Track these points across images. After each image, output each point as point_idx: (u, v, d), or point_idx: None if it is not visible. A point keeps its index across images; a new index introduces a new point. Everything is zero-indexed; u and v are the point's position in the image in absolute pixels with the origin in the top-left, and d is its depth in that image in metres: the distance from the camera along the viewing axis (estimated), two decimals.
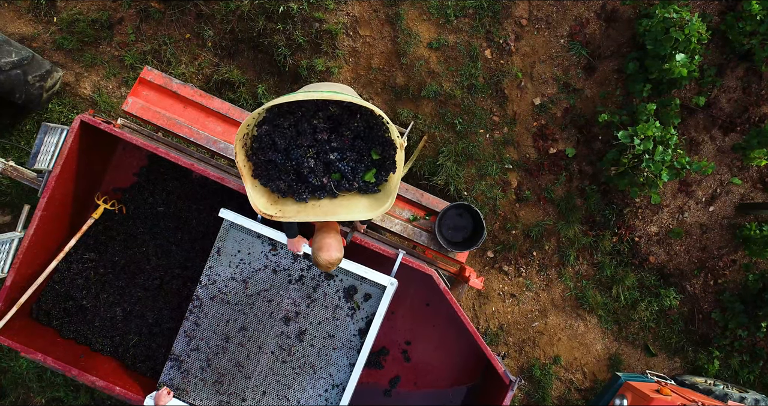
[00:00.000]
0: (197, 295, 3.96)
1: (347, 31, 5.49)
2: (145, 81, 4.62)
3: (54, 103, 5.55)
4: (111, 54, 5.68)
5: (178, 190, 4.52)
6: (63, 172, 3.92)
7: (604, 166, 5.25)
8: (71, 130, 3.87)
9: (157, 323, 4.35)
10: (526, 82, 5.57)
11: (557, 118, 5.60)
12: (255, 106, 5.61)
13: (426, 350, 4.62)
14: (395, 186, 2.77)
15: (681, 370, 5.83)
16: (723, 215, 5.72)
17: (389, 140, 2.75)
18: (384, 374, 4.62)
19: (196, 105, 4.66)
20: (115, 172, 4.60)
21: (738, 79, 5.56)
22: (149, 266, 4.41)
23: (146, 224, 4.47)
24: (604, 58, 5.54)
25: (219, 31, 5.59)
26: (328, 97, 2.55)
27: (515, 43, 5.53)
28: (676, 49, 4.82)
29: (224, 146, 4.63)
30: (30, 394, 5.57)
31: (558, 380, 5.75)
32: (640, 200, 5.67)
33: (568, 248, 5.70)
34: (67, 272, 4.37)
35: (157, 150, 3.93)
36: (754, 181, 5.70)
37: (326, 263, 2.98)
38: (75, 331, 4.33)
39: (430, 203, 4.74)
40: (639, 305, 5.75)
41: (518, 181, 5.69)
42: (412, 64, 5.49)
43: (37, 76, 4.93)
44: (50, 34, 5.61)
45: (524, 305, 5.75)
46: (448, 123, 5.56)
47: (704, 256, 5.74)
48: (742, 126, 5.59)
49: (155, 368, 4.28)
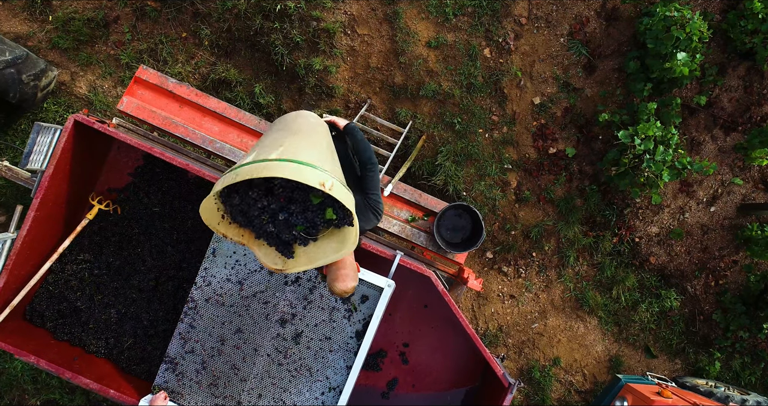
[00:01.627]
0: (192, 296, 3.91)
1: (345, 29, 5.44)
2: (141, 80, 4.58)
3: (49, 103, 5.50)
4: (107, 53, 5.63)
5: (174, 191, 4.47)
6: (56, 173, 3.87)
7: (605, 166, 5.20)
8: (65, 130, 3.82)
9: (152, 324, 4.30)
10: (526, 82, 5.52)
11: (557, 117, 5.55)
12: (252, 105, 5.56)
13: (424, 352, 4.57)
14: (355, 232, 2.73)
15: (682, 371, 5.78)
16: (724, 215, 5.67)
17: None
18: (382, 376, 4.57)
19: (192, 104, 4.62)
20: (110, 172, 4.55)
21: (740, 79, 5.50)
22: (144, 267, 4.36)
23: (141, 225, 4.42)
24: (605, 57, 5.49)
25: (216, 30, 5.54)
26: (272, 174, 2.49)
27: (515, 42, 5.48)
28: (677, 48, 4.77)
29: (220, 146, 4.58)
30: (25, 395, 5.52)
31: (558, 381, 5.70)
32: (641, 201, 5.62)
33: (568, 248, 5.65)
34: (62, 273, 4.32)
35: (152, 150, 3.88)
36: (755, 181, 5.65)
37: (341, 293, 3.02)
38: (69, 333, 4.27)
39: (429, 204, 4.70)
40: (639, 306, 5.70)
41: (518, 181, 5.64)
42: (411, 63, 5.44)
43: (31, 75, 4.87)
44: (45, 33, 5.56)
45: (524, 306, 5.70)
46: (446, 123, 5.51)
47: (705, 257, 5.69)
48: (744, 125, 5.54)
49: (150, 371, 4.23)
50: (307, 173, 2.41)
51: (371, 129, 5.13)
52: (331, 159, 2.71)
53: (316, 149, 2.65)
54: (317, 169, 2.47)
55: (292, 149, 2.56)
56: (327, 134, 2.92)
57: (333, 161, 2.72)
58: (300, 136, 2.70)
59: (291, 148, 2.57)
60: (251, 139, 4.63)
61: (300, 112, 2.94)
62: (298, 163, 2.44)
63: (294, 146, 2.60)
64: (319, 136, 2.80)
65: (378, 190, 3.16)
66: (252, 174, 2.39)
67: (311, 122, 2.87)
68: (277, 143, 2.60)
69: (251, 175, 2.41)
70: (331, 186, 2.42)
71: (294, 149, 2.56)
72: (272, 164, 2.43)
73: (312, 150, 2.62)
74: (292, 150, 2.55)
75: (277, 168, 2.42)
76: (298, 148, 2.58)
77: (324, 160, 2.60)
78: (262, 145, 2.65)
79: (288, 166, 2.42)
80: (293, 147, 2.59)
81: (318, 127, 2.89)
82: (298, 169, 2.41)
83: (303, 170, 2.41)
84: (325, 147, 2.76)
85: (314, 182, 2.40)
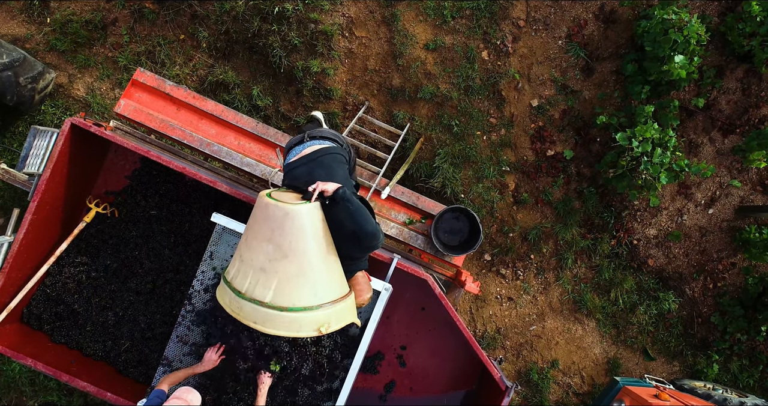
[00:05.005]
0: (190, 299, 3.91)
1: (343, 32, 5.44)
2: (138, 83, 4.58)
3: (47, 105, 5.50)
4: (105, 55, 5.63)
5: (171, 194, 4.47)
6: (53, 176, 3.87)
7: (602, 168, 5.20)
8: (61, 133, 3.81)
9: (150, 327, 4.30)
10: (524, 84, 5.52)
11: (555, 120, 5.55)
12: (250, 107, 5.56)
13: (422, 355, 4.57)
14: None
15: (680, 374, 5.78)
16: (722, 217, 5.67)
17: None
18: (379, 379, 4.57)
19: (189, 107, 4.61)
20: (108, 175, 4.55)
21: (738, 81, 5.50)
22: (142, 270, 4.36)
23: (139, 228, 4.42)
24: (603, 60, 5.49)
25: (213, 32, 5.54)
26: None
27: (513, 45, 5.48)
28: (675, 51, 4.77)
29: (218, 149, 4.58)
30: (23, 398, 5.52)
31: (556, 384, 5.70)
32: (639, 203, 5.62)
33: (566, 251, 5.65)
34: (59, 275, 4.32)
35: (149, 153, 3.87)
36: (753, 183, 5.65)
37: (359, 306, 3.13)
38: (66, 335, 4.27)
39: (426, 206, 4.70)
40: (638, 308, 5.70)
41: (516, 183, 5.64)
42: (409, 65, 5.44)
43: (28, 78, 4.88)
44: (43, 35, 5.56)
45: (522, 308, 5.70)
46: (444, 125, 5.51)
47: (703, 259, 5.69)
48: (742, 128, 5.54)
49: (147, 373, 4.23)
50: (305, 325, 2.66)
51: (369, 131, 5.13)
52: (325, 267, 2.78)
53: (309, 273, 2.74)
54: (312, 310, 2.65)
55: (285, 285, 2.70)
56: (318, 228, 2.83)
57: (328, 265, 2.81)
58: (290, 259, 2.73)
59: (284, 281, 2.71)
60: (248, 141, 4.63)
61: (288, 210, 2.77)
62: (293, 313, 2.65)
63: (286, 278, 2.72)
64: (314, 246, 2.78)
65: (379, 243, 3.09)
66: (256, 322, 2.69)
67: (301, 229, 2.76)
68: (270, 271, 2.73)
69: (255, 324, 2.70)
70: (328, 326, 2.65)
71: (286, 284, 2.71)
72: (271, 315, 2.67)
73: (305, 277, 2.72)
74: (285, 286, 2.70)
75: (275, 322, 2.66)
76: (290, 280, 2.72)
77: (318, 281, 2.74)
78: (255, 264, 2.76)
79: (284, 319, 2.65)
80: (285, 280, 2.72)
81: (311, 234, 2.79)
82: (294, 322, 2.65)
83: (299, 321, 2.65)
84: (320, 255, 2.80)
85: (312, 332, 2.66)
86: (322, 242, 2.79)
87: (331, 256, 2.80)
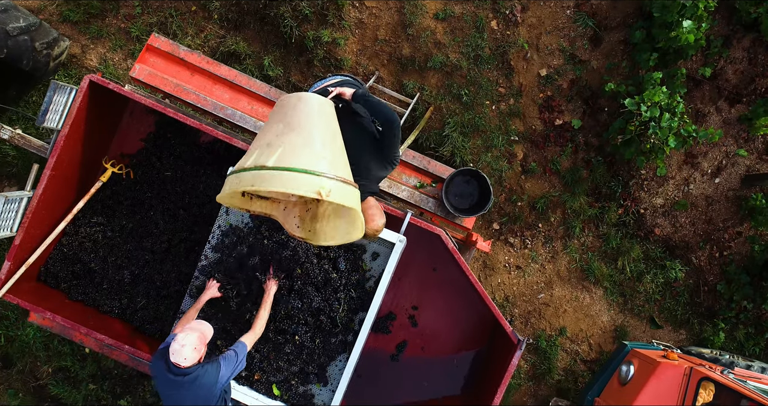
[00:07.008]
0: (206, 255, 3.97)
1: (353, 2, 5.49)
2: (153, 48, 4.63)
3: (60, 75, 5.56)
4: (117, 26, 5.69)
5: (186, 155, 4.53)
6: (72, 133, 3.93)
7: (611, 135, 5.25)
8: (80, 90, 3.88)
9: (165, 285, 4.36)
10: (532, 54, 5.57)
11: (563, 89, 5.60)
12: (261, 78, 5.61)
13: (433, 316, 4.62)
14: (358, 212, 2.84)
15: (687, 342, 5.83)
16: (728, 186, 5.72)
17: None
18: (391, 339, 4.62)
19: (203, 72, 4.66)
20: (123, 138, 4.61)
21: (744, 50, 5.55)
22: (157, 230, 4.42)
23: (153, 189, 4.48)
24: (611, 29, 5.53)
25: (225, 3, 5.59)
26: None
27: (521, 14, 5.53)
28: (683, 16, 4.81)
29: (231, 113, 4.63)
30: (37, 363, 5.58)
31: (564, 351, 5.75)
32: (646, 172, 5.67)
33: (573, 219, 5.70)
34: (75, 235, 4.38)
35: (166, 110, 3.94)
36: (759, 152, 5.69)
37: (373, 233, 3.05)
38: (83, 293, 4.34)
39: (437, 170, 4.75)
40: (644, 277, 5.75)
41: (524, 152, 5.69)
42: (419, 35, 5.49)
43: (44, 44, 4.92)
44: (56, 6, 5.61)
45: (530, 276, 5.75)
46: (454, 94, 5.56)
47: (710, 228, 5.74)
48: (748, 97, 5.58)
49: (163, 330, 4.29)
50: (303, 183, 2.49)
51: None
52: (331, 149, 2.74)
53: (315, 145, 2.68)
54: (314, 174, 2.52)
55: (289, 152, 2.61)
56: (329, 117, 2.87)
57: (334, 151, 2.75)
58: (297, 132, 2.72)
59: (288, 150, 2.62)
60: (261, 106, 4.68)
61: (301, 95, 2.87)
62: (294, 172, 2.51)
63: (291, 147, 2.65)
64: (321, 125, 2.80)
65: (396, 147, 3.17)
66: (254, 185, 2.52)
67: (312, 109, 2.82)
68: (275, 144, 2.66)
69: (252, 186, 2.52)
70: (329, 192, 2.49)
71: (291, 152, 2.61)
72: (269, 175, 2.52)
73: (310, 148, 2.65)
74: (289, 153, 2.60)
75: (274, 180, 2.51)
76: (295, 149, 2.63)
77: (322, 156, 2.64)
78: (262, 142, 2.72)
79: (283, 177, 2.51)
80: (290, 149, 2.64)
81: (319, 114, 2.84)
82: (293, 180, 2.49)
83: (299, 180, 2.49)
84: (327, 137, 2.77)
85: (310, 193, 2.47)
86: (331, 129, 2.82)
87: (339, 150, 2.80)
